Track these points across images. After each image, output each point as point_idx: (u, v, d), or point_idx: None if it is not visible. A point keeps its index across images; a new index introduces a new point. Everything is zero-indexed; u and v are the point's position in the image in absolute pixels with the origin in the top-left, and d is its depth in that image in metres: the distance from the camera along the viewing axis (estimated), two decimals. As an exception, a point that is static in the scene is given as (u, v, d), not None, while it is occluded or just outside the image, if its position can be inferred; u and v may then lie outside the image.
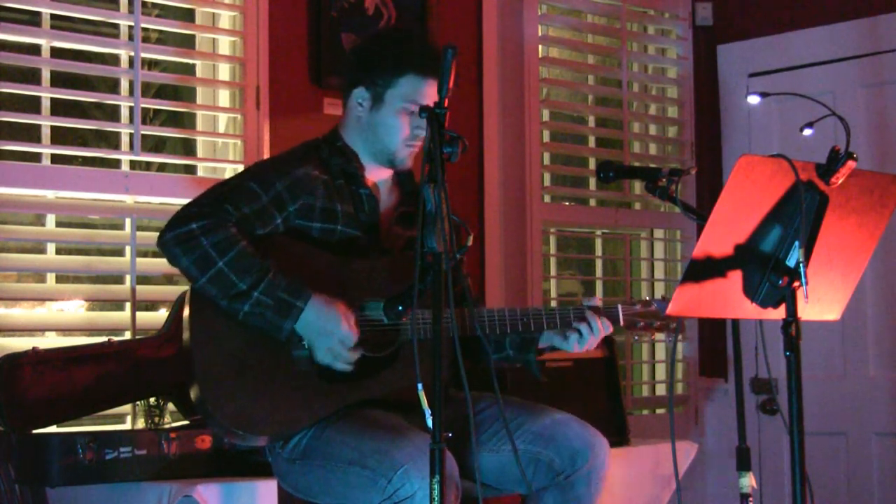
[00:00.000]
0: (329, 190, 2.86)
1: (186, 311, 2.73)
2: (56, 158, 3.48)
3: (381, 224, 2.94)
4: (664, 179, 2.77)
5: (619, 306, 2.95)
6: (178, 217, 2.73)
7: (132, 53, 3.59)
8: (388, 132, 2.87)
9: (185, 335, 2.72)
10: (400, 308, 2.53)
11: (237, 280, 2.66)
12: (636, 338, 3.03)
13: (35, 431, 3.03)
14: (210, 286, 2.67)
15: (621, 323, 2.94)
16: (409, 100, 2.83)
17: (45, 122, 3.47)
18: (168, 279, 3.78)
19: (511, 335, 2.95)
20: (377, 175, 2.96)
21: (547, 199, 4.69)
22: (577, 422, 2.85)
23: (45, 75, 3.48)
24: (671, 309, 2.38)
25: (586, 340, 2.88)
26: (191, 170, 3.78)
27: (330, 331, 2.69)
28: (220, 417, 2.66)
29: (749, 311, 2.46)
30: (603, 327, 2.88)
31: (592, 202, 4.94)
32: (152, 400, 3.26)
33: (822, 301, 2.53)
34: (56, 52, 3.52)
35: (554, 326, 2.88)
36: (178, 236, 2.69)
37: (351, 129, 2.94)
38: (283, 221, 2.80)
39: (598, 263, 5.00)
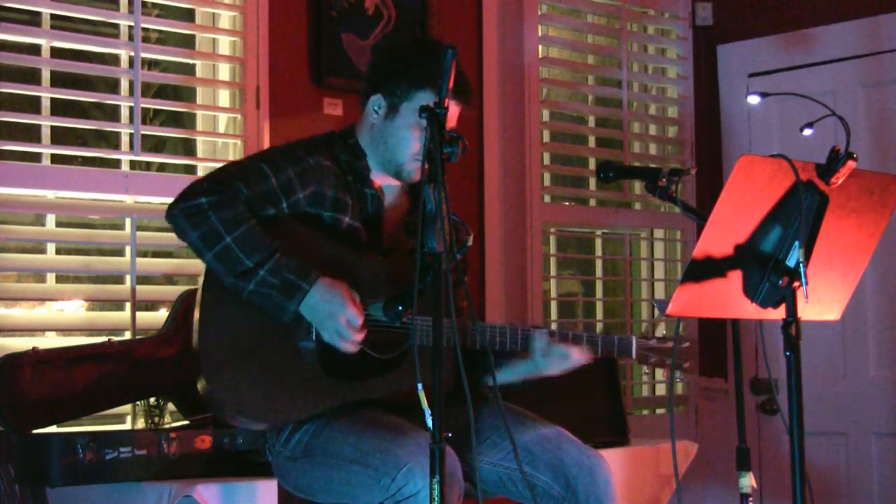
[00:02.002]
0: (340, 181, 2.86)
1: (199, 296, 2.72)
2: (56, 158, 3.48)
3: (383, 226, 2.94)
4: (664, 179, 2.76)
5: (634, 339, 2.92)
6: (188, 191, 2.72)
7: (132, 53, 3.58)
8: (399, 144, 2.87)
9: (196, 318, 2.70)
10: (399, 308, 2.53)
11: (244, 257, 2.65)
12: (646, 371, 2.99)
13: (35, 431, 3.03)
14: (216, 262, 2.67)
15: (633, 356, 2.91)
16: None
17: (45, 122, 3.47)
18: (168, 279, 3.78)
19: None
20: (384, 180, 2.95)
21: (547, 199, 4.69)
22: (570, 442, 2.81)
23: (45, 75, 3.48)
24: (671, 309, 2.38)
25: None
26: (191, 170, 3.78)
27: (335, 312, 2.68)
28: (223, 401, 2.66)
29: (749, 311, 2.46)
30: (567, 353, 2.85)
31: (592, 202, 4.94)
32: (152, 400, 3.26)
33: (822, 301, 2.53)
34: (56, 52, 3.52)
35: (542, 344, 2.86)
36: (186, 209, 2.68)
37: (365, 132, 2.94)
38: (290, 206, 2.80)
39: (598, 263, 5.00)
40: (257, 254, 2.66)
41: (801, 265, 2.36)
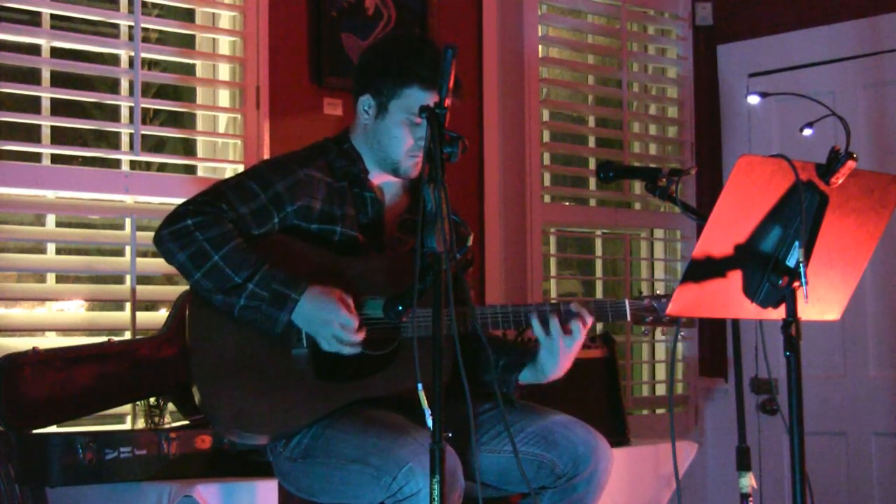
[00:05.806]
0: (331, 193, 2.87)
1: (187, 313, 2.74)
2: (56, 158, 3.48)
3: (385, 227, 2.94)
4: (664, 179, 2.76)
5: (626, 301, 2.91)
6: (174, 214, 2.74)
7: (132, 53, 3.59)
8: (392, 142, 2.88)
9: (186, 336, 2.72)
10: (399, 308, 2.53)
11: (232, 274, 2.67)
12: (645, 331, 2.99)
13: (35, 431, 3.03)
14: (205, 280, 2.68)
15: (629, 318, 2.91)
16: (412, 111, 2.82)
17: (45, 122, 3.47)
18: (168, 279, 3.78)
19: (504, 356, 2.94)
20: (383, 178, 2.96)
21: (547, 199, 4.69)
22: (581, 425, 2.84)
23: (45, 75, 3.48)
24: (671, 309, 2.39)
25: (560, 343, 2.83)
26: (191, 170, 3.78)
27: (329, 319, 2.69)
28: (221, 417, 2.67)
29: (749, 311, 2.46)
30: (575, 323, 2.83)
31: (592, 202, 4.94)
32: (152, 400, 3.26)
33: (822, 301, 2.53)
34: (56, 52, 3.52)
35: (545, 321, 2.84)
36: (173, 232, 2.71)
37: (358, 133, 2.95)
38: (280, 221, 2.81)
39: (598, 263, 5.00)
40: (245, 269, 2.68)
41: (801, 265, 2.36)
